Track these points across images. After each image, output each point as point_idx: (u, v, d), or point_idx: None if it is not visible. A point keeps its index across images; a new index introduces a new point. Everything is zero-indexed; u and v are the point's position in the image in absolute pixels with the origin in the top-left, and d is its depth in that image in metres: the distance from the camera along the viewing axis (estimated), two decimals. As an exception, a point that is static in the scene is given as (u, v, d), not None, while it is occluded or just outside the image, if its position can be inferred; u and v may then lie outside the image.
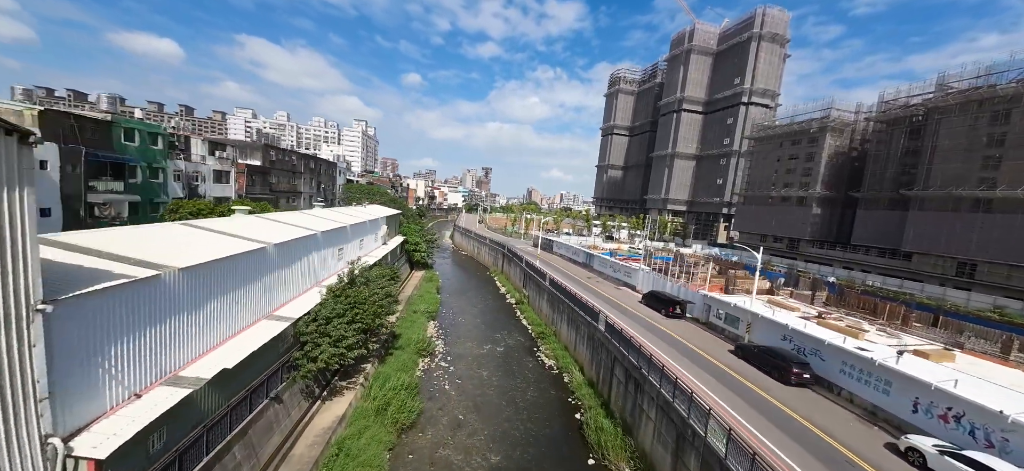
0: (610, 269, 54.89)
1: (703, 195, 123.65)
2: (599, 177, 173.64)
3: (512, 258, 65.57)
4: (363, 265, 31.74)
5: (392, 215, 59.07)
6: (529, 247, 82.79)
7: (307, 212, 39.50)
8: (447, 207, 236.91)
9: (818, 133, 79.99)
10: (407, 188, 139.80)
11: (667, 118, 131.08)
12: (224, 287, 18.32)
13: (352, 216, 43.02)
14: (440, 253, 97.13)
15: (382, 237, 51.01)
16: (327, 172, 78.22)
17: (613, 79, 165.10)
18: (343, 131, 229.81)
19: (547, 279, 46.66)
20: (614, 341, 28.79)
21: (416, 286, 55.53)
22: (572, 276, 54.89)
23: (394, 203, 74.96)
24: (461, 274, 74.62)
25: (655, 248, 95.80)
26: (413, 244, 61.98)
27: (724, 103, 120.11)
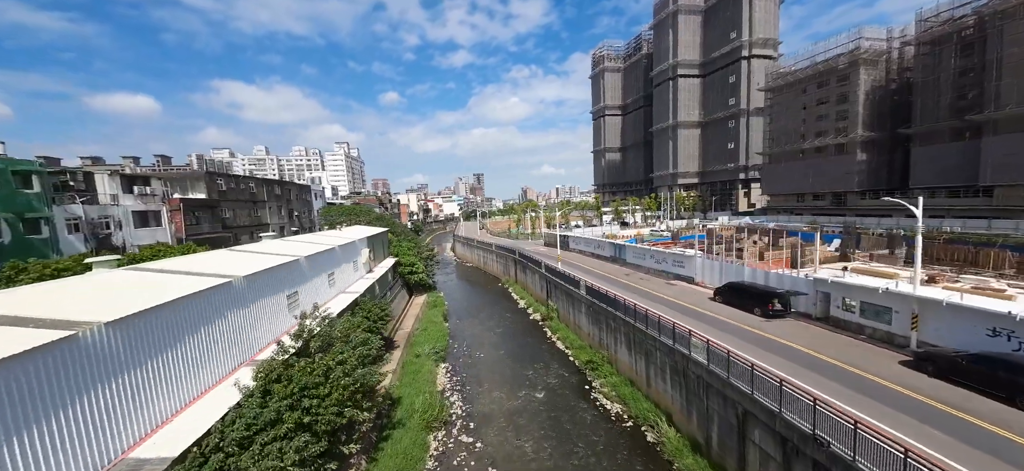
0: (651, 260, 43.46)
1: (715, 163, 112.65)
2: (597, 162, 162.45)
3: (527, 264, 54.06)
4: (324, 316, 20.11)
5: (376, 235, 47.42)
6: (541, 247, 71.29)
7: (235, 249, 27.75)
8: (444, 218, 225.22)
9: (849, 69, 69.05)
10: (398, 204, 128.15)
11: (663, 88, 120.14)
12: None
13: (313, 244, 31.42)
14: (442, 268, 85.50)
15: (364, 264, 39.37)
16: (300, 197, 66.48)
17: (596, 58, 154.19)
18: (326, 156, 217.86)
19: (582, 286, 35.15)
20: (736, 382, 17.29)
21: (417, 316, 43.88)
22: (606, 275, 43.49)
23: (381, 221, 63.38)
24: (469, 290, 62.99)
25: (679, 226, 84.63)
26: (408, 265, 50.37)
27: (723, 61, 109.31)
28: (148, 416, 12.71)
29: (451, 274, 79.26)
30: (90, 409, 10.87)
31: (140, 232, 37.11)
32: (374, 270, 42.45)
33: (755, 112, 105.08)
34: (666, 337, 23.04)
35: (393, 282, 47.04)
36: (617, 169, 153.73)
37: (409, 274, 50.23)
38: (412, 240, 58.26)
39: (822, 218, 68.89)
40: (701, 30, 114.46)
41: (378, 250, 47.08)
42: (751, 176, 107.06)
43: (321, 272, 28.60)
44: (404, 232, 63.48)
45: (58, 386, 10.19)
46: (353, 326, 21.23)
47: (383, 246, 50.10)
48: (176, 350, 14.30)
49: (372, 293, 36.77)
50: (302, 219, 65.31)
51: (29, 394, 9.56)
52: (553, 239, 70.80)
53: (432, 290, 57.59)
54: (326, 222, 60.47)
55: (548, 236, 73.73)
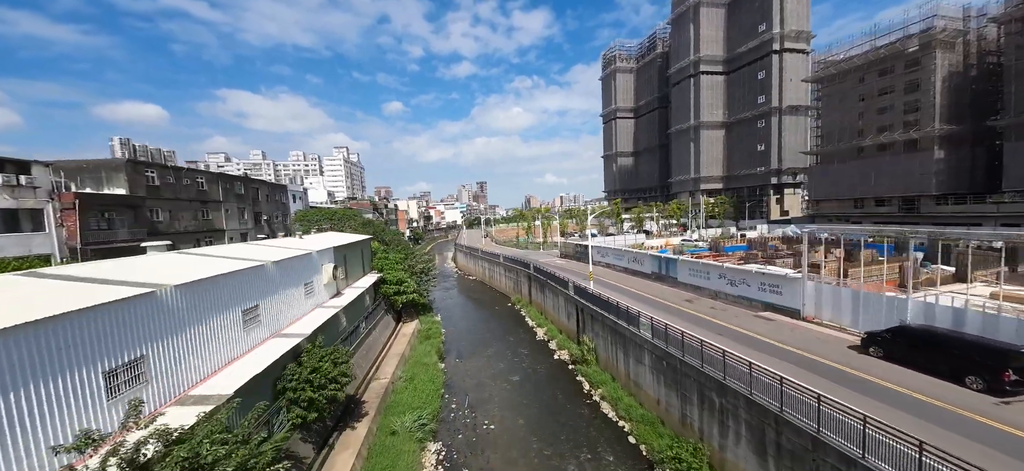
0: (721, 281, 31.36)
1: (742, 167, 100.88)
2: (608, 167, 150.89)
3: (545, 283, 42.00)
4: (160, 430, 8.21)
5: (352, 244, 35.55)
6: (557, 260, 59.30)
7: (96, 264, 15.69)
8: (446, 226, 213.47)
9: (920, 53, 57.47)
10: (395, 210, 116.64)
11: (683, 87, 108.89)
12: None
13: (228, 257, 19.51)
14: (442, 282, 73.49)
15: (328, 285, 27.40)
16: (273, 198, 54.82)
17: (607, 59, 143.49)
18: (324, 161, 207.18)
19: (643, 323, 23.05)
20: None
21: (403, 355, 31.80)
22: (658, 301, 31.55)
23: (369, 228, 51.62)
24: (473, 312, 50.82)
25: (714, 236, 72.64)
26: (395, 283, 38.40)
27: (750, 56, 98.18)
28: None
29: (452, 289, 67.21)
30: None
31: (8, 240, 25.43)
32: (345, 292, 30.47)
33: (789, 110, 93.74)
34: (848, 444, 10.99)
35: (374, 306, 35.06)
36: (630, 174, 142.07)
37: (396, 294, 38.24)
38: (404, 250, 46.41)
39: (890, 228, 56.74)
40: (725, 24, 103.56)
41: (354, 264, 35.17)
42: (784, 180, 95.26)
43: (228, 308, 16.62)
44: (397, 241, 51.72)
45: None
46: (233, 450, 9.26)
47: (363, 259, 38.21)
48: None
49: (334, 329, 24.82)
50: (274, 224, 53.63)
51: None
52: (570, 249, 58.88)
53: (427, 312, 45.61)
54: (301, 228, 48.72)
55: (564, 246, 61.84)
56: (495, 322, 44.68)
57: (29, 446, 9.08)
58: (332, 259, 28.50)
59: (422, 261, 46.08)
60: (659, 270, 39.49)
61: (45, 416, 9.53)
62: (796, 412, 13.55)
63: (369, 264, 39.66)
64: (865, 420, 11.54)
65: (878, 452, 11.10)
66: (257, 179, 51.17)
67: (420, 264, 44.97)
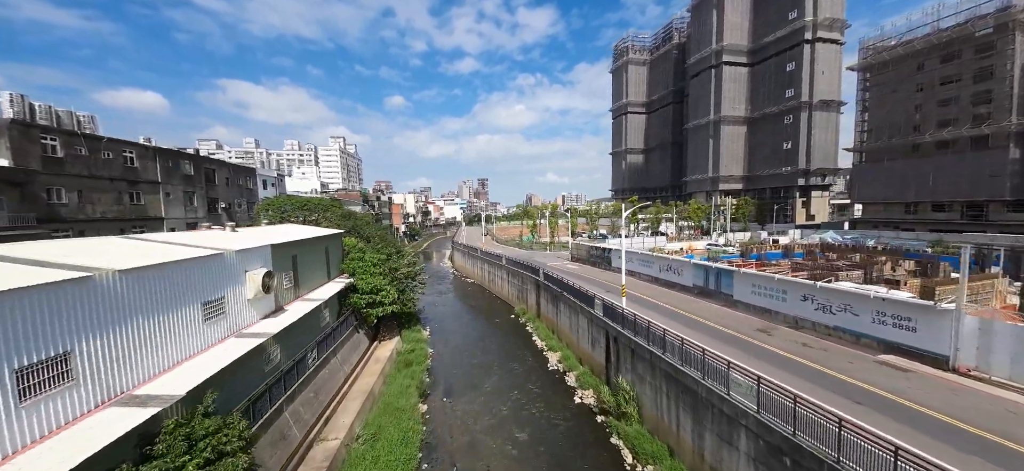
0: (817, 308, 22.72)
1: (764, 166, 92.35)
2: (616, 165, 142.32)
3: (559, 295, 33.37)
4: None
5: (311, 241, 26.98)
6: (569, 264, 50.75)
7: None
8: (445, 222, 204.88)
9: (995, 35, 49.04)
10: (389, 203, 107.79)
11: (702, 79, 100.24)
12: None
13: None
14: (437, 284, 64.98)
15: (255, 302, 18.76)
16: (235, 182, 46.14)
17: (619, 50, 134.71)
18: (321, 151, 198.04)
19: (749, 395, 14.58)
20: None
21: (372, 392, 23.31)
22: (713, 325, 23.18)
23: (348, 221, 42.97)
24: (468, 325, 42.18)
25: (742, 240, 64.26)
26: (369, 292, 29.78)
27: (778, 47, 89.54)
28: None
29: (447, 293, 58.67)
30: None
31: None
32: (290, 307, 21.93)
33: (819, 106, 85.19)
34: None
35: (337, 324, 26.50)
36: (639, 172, 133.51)
37: (370, 307, 29.63)
38: (388, 249, 37.75)
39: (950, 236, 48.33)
40: (751, 11, 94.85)
41: (311, 268, 26.57)
42: (813, 182, 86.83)
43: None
44: (383, 238, 43.16)
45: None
46: None
47: (328, 260, 29.59)
48: None
49: (253, 370, 16.29)
50: (236, 213, 45.00)
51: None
52: (583, 252, 50.32)
53: (413, 325, 37.14)
54: (266, 218, 40.11)
55: (576, 248, 53.31)
56: (496, 340, 36.10)
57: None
58: (265, 262, 19.89)
59: (409, 264, 37.46)
60: (705, 283, 30.95)
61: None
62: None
63: (338, 266, 31.06)
64: None
65: None
66: (214, 159, 42.55)
67: (405, 267, 36.34)
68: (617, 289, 34.60)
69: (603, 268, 45.80)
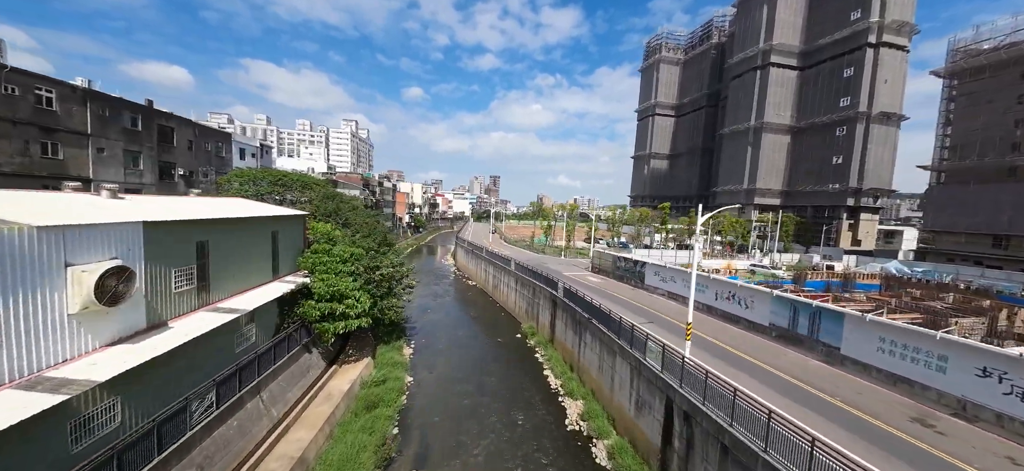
0: (1004, 388, 14.07)
1: (808, 181, 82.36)
2: (638, 169, 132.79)
3: (587, 323, 24.83)
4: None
5: (243, 222, 19.02)
6: (591, 276, 42.27)
7: None
8: (452, 216, 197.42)
9: None
10: (393, 191, 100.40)
11: (744, 81, 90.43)
12: None
13: None
14: (435, 283, 57.06)
15: (87, 317, 10.76)
16: (202, 147, 38.71)
17: (651, 47, 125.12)
18: (332, 133, 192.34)
19: None
20: None
21: (304, 458, 15.16)
22: (840, 406, 14.56)
23: (330, 202, 35.14)
24: (464, 343, 33.83)
25: (792, 263, 55.20)
26: (328, 298, 21.63)
27: (836, 50, 79.40)
28: None
29: (444, 296, 50.68)
30: None
31: None
32: (183, 321, 13.96)
33: (879, 118, 74.97)
34: None
35: (270, 345, 18.50)
36: (663, 179, 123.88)
37: (327, 319, 21.56)
38: (367, 242, 29.69)
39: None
40: (805, 8, 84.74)
41: (246, 262, 18.68)
42: (864, 203, 76.72)
43: None
44: (369, 227, 35.27)
45: None
46: None
47: (276, 252, 21.62)
48: None
49: (57, 440, 8.25)
50: (200, 182, 37.55)
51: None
52: (608, 263, 41.66)
53: (394, 338, 29.22)
54: (230, 190, 32.46)
55: (599, 257, 44.73)
56: (497, 371, 27.82)
57: None
58: (123, 251, 11.94)
59: (394, 263, 29.27)
60: (789, 324, 22.23)
61: None
62: None
63: (293, 261, 23.14)
64: None
65: None
66: (174, 115, 35.15)
67: (388, 266, 28.21)
68: (656, 315, 26.09)
69: (633, 285, 37.18)
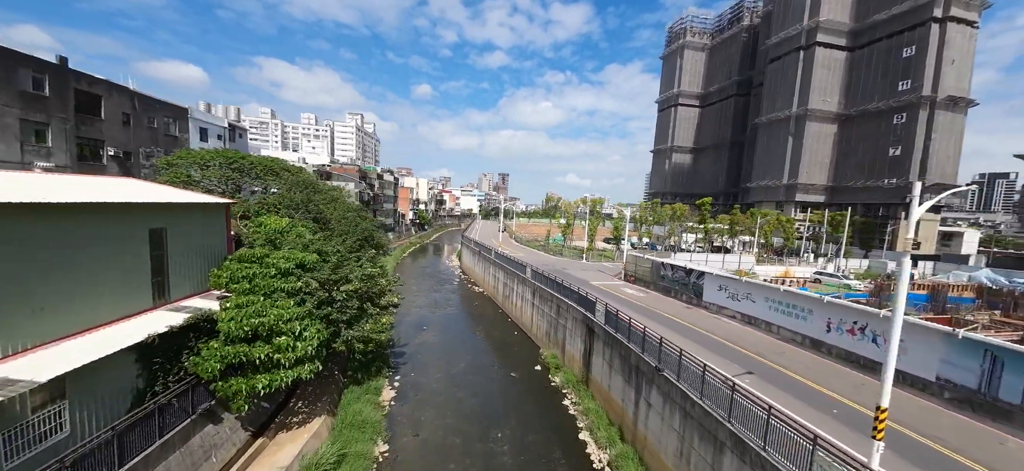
0: None
1: (858, 176, 72.52)
2: (657, 164, 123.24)
3: (648, 373, 16.46)
4: None
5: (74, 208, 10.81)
6: (627, 287, 33.73)
7: None
8: (460, 213, 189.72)
9: None
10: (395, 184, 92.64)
11: (784, 64, 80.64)
12: None
13: None
14: (435, 289, 49.12)
15: None
16: (145, 122, 31.14)
17: (673, 33, 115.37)
18: (337, 126, 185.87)
19: None
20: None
21: None
22: None
23: (302, 190, 27.36)
24: (465, 379, 25.48)
25: (867, 270, 46.32)
26: (240, 333, 13.26)
27: (893, 26, 69.35)
28: None
29: (445, 306, 42.62)
30: None
31: None
32: None
33: (945, 104, 64.94)
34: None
35: (122, 430, 10.42)
36: (686, 175, 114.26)
37: (234, 372, 13.46)
38: (338, 242, 21.57)
39: None
40: (856, -20, 74.70)
41: (91, 281, 10.78)
42: (926, 198, 66.57)
43: None
44: (350, 223, 27.42)
45: None
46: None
47: (159, 262, 13.57)
48: None
49: None
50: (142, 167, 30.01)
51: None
52: (645, 271, 33.02)
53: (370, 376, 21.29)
54: (169, 176, 24.77)
55: (635, 263, 36.11)
56: (511, 427, 19.55)
57: None
58: None
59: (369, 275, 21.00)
60: (982, 385, 13.65)
61: None
62: None
63: (202, 274, 15.22)
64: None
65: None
66: (99, 78, 27.63)
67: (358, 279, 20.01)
68: (738, 353, 17.55)
69: (686, 302, 28.58)
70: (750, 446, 10.78)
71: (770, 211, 60.80)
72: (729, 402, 11.76)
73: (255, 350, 13.20)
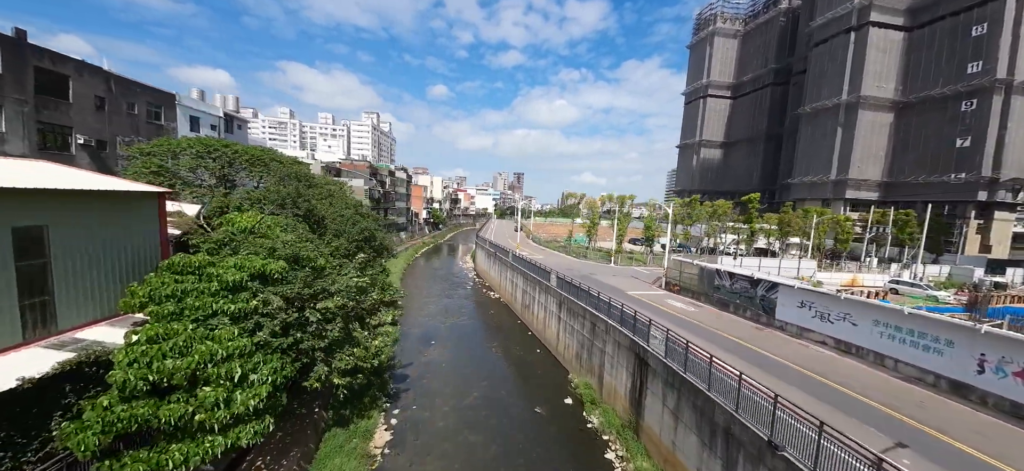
0: None
1: (919, 170, 64.60)
2: (684, 160, 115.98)
3: (757, 445, 11.32)
4: None
5: None
6: (671, 299, 28.35)
7: None
8: (475, 212, 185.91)
9: None
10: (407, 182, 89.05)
11: (832, 48, 73.08)
12: None
13: None
14: (447, 294, 44.77)
15: None
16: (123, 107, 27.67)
17: (702, 19, 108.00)
18: (353, 126, 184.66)
19: None
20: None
21: None
22: None
23: (287, 183, 23.33)
24: (477, 419, 20.54)
25: (931, 277, 39.68)
26: (143, 384, 8.96)
27: (957, 3, 61.30)
28: None
29: (457, 314, 38.13)
30: None
31: None
32: None
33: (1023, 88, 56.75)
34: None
35: None
36: (716, 170, 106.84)
37: (135, 446, 9.20)
38: (306, 250, 17.11)
39: None
40: (916, -48, 66.68)
41: None
42: (999, 198, 58.57)
43: None
44: (347, 221, 23.10)
45: None
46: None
47: (51, 271, 9.28)
48: None
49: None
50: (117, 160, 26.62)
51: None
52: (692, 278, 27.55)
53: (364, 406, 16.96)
54: (136, 167, 21.14)
55: (680, 270, 30.69)
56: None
57: None
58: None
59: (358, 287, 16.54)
60: None
61: None
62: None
63: (113, 290, 11.07)
64: None
65: None
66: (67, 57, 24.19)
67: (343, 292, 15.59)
68: (827, 389, 12.25)
69: (753, 320, 23.13)
70: None
71: (825, 210, 53.86)
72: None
73: (165, 410, 8.80)
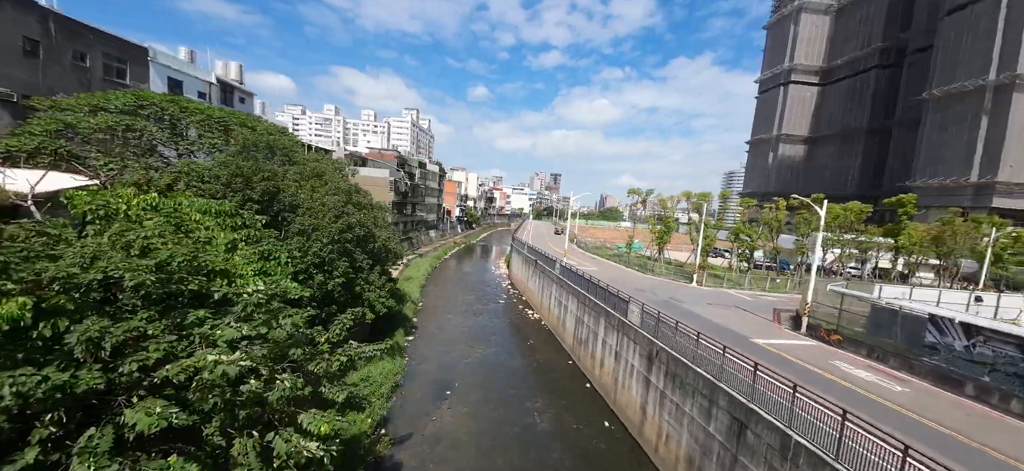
0: None
1: (1120, 172, 47.11)
2: (755, 158, 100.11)
3: None
4: None
5: None
6: (853, 367, 17.39)
7: None
8: (510, 212, 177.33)
9: None
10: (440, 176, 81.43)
11: (972, 15, 56.59)
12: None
13: None
14: (475, 310, 35.86)
15: None
16: (66, 56, 21.17)
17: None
18: (392, 122, 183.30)
19: None
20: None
21: None
22: None
23: (243, 162, 15.43)
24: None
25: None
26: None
27: None
28: None
29: (486, 343, 29.02)
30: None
31: None
32: None
33: None
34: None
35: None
36: (797, 170, 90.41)
37: None
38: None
39: None
40: None
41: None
42: None
43: None
44: (322, 216, 14.32)
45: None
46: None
47: None
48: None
49: None
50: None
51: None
52: (885, 326, 16.24)
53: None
54: (25, 130, 14.13)
55: (845, 303, 19.57)
56: None
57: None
58: None
59: (302, 366, 8.03)
60: None
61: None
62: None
63: None
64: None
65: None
66: None
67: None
68: None
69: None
70: None
71: (1003, 221, 38.90)
72: None
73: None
